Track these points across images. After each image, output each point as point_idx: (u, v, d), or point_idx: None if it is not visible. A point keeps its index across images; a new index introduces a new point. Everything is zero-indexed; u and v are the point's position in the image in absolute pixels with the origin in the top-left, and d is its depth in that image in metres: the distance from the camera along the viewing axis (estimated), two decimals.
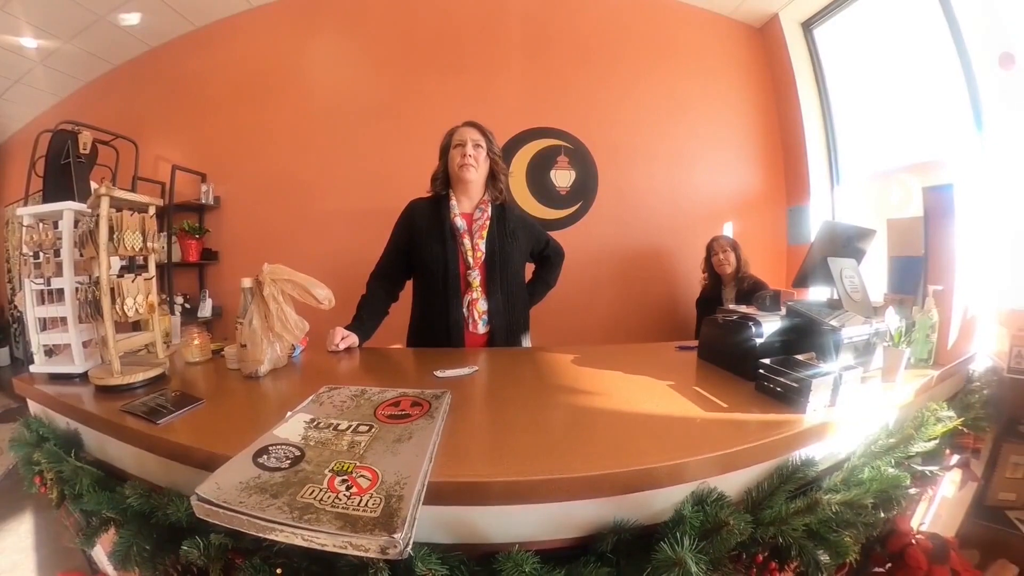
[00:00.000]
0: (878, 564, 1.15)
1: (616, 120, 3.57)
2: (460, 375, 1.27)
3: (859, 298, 1.36)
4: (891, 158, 2.99)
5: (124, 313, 1.17)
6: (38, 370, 1.26)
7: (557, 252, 2.06)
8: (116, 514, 0.89)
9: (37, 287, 1.25)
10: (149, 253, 1.29)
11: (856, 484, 0.93)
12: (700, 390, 1.13)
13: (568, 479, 0.73)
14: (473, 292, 1.70)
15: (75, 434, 1.08)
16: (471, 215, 1.75)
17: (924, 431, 1.09)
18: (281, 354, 1.35)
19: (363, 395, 1.00)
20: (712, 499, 0.79)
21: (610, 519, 0.75)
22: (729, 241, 3.18)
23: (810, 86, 3.51)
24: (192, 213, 3.70)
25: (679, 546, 0.69)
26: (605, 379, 1.26)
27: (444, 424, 0.89)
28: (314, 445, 0.76)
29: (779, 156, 3.70)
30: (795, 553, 0.83)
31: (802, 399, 0.98)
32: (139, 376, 1.17)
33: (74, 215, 1.24)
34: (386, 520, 0.56)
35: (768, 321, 1.26)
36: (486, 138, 1.76)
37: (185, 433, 0.90)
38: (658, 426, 0.94)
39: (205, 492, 0.62)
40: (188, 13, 3.47)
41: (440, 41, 3.52)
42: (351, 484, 0.64)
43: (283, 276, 1.32)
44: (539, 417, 1.00)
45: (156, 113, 3.73)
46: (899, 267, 1.57)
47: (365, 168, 3.52)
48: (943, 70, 2.55)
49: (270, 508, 0.59)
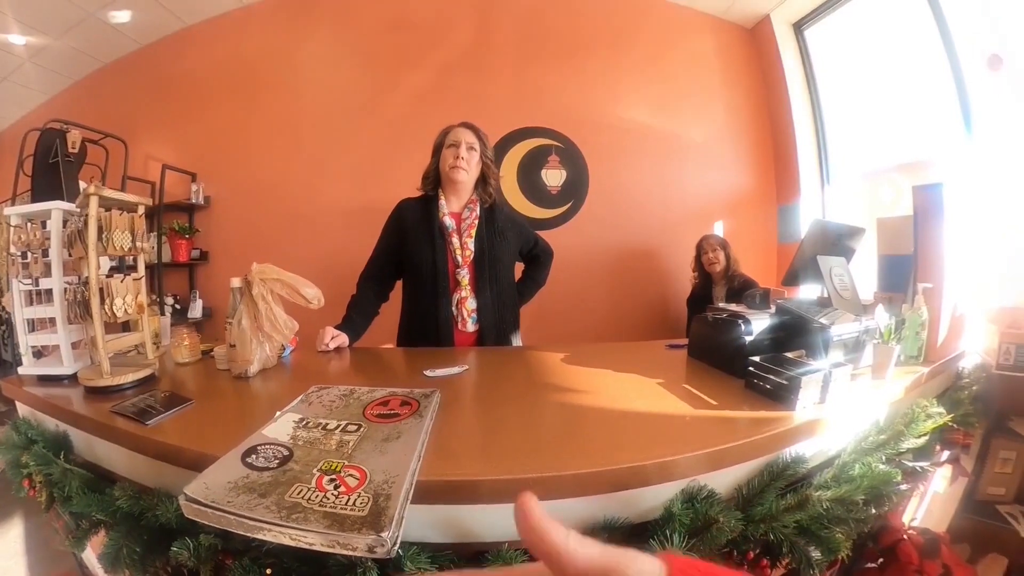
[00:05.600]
0: (870, 559, 1.16)
1: (607, 119, 3.58)
2: (450, 374, 1.27)
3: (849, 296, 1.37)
4: (881, 157, 3.02)
5: (113, 313, 1.16)
6: (26, 372, 1.25)
7: (546, 251, 2.07)
8: (106, 516, 0.88)
9: (25, 288, 1.24)
10: (138, 253, 1.28)
11: (847, 481, 0.93)
12: (690, 388, 1.14)
13: (557, 477, 0.73)
14: (462, 290, 1.70)
15: (64, 436, 1.08)
16: (460, 214, 1.75)
17: (914, 427, 1.10)
18: (271, 354, 1.35)
19: (352, 395, 0.99)
20: (702, 496, 0.79)
21: (600, 517, 0.76)
22: (719, 240, 3.20)
23: (801, 86, 3.53)
24: (182, 213, 3.67)
25: (668, 543, 0.69)
26: (595, 378, 1.26)
27: (433, 423, 0.88)
28: (302, 445, 0.76)
29: (770, 155, 3.72)
30: (786, 550, 0.83)
31: (792, 396, 0.98)
32: (129, 377, 1.16)
33: (63, 215, 1.23)
34: (374, 519, 0.55)
35: (758, 319, 1.27)
36: (480, 141, 1.76)
37: (174, 434, 0.90)
38: (648, 424, 0.94)
39: (193, 492, 0.61)
40: (179, 11, 3.44)
41: (431, 40, 3.51)
42: (339, 483, 0.63)
43: (272, 276, 1.31)
44: (529, 416, 1.01)
45: (146, 112, 3.69)
46: (889, 265, 1.58)
47: (356, 168, 3.51)
48: (933, 71, 2.58)
49: (258, 508, 0.58)
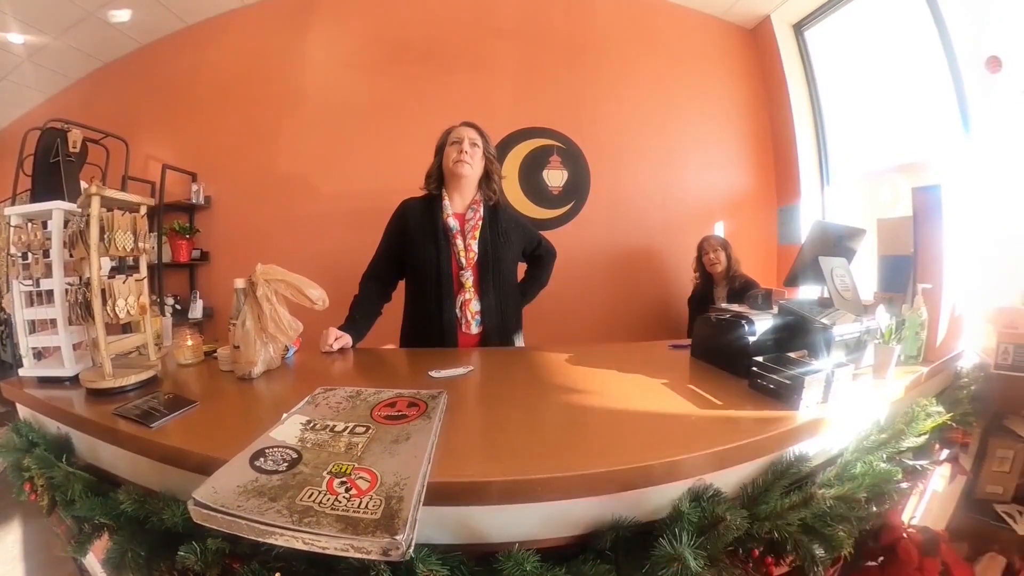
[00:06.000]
0: (871, 557, 1.17)
1: (609, 120, 3.57)
2: (455, 375, 1.27)
3: (850, 296, 1.38)
4: (881, 159, 3.02)
5: (115, 315, 1.15)
6: (27, 374, 1.24)
7: (549, 252, 2.06)
8: (109, 520, 0.88)
9: (26, 289, 1.22)
10: (140, 253, 1.27)
11: (849, 479, 0.94)
12: (694, 388, 1.14)
13: (566, 477, 0.73)
14: (466, 292, 1.70)
15: (66, 439, 1.07)
16: (463, 215, 1.75)
17: (914, 426, 1.11)
18: (274, 355, 1.35)
19: (359, 396, 0.99)
20: (708, 495, 0.80)
21: (608, 516, 0.76)
22: (719, 240, 3.20)
23: (801, 87, 3.54)
24: (182, 213, 3.65)
25: (678, 542, 0.70)
26: (599, 378, 1.26)
27: (441, 424, 0.88)
28: (311, 447, 0.76)
29: (770, 156, 3.72)
30: (791, 547, 0.84)
31: (795, 396, 0.99)
32: (131, 379, 1.15)
33: (64, 215, 1.22)
34: (387, 522, 0.56)
35: (760, 319, 1.27)
36: (483, 138, 1.76)
37: (179, 436, 0.89)
38: (653, 424, 0.95)
39: (202, 497, 0.61)
40: (179, 10, 3.42)
41: (433, 40, 3.50)
42: (350, 486, 0.63)
43: (276, 276, 1.31)
44: (535, 416, 1.01)
45: (146, 112, 3.67)
46: (889, 266, 1.59)
47: (357, 168, 3.50)
48: (932, 72, 2.58)
49: (269, 512, 0.58)
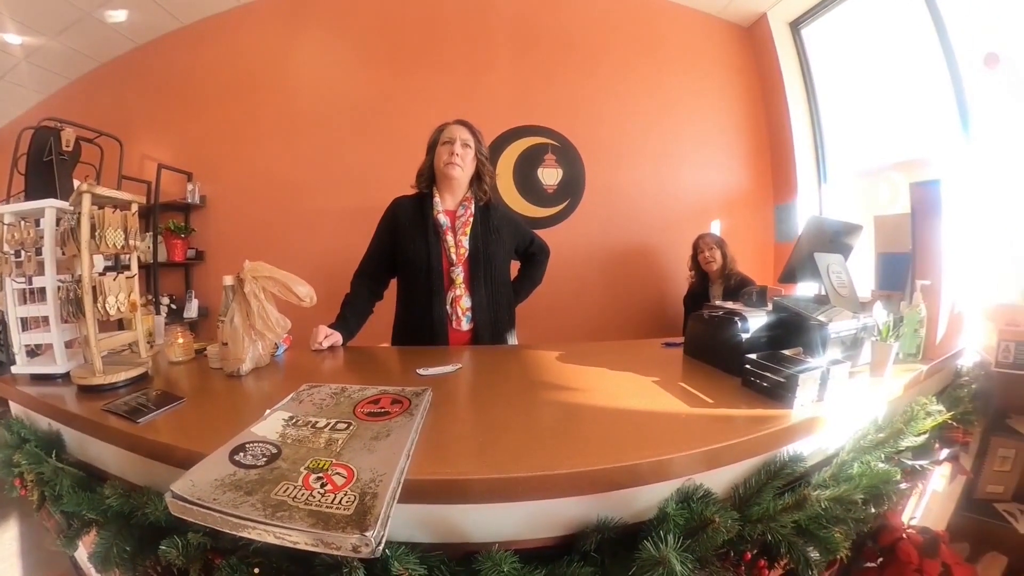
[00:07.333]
0: (869, 559, 1.15)
1: (604, 118, 3.57)
2: (443, 373, 1.26)
3: (846, 293, 1.36)
4: (878, 155, 3.01)
5: (106, 311, 1.15)
6: (19, 371, 1.24)
7: (542, 250, 2.05)
8: (96, 515, 0.88)
9: (18, 286, 1.23)
10: (131, 251, 1.27)
11: (845, 479, 0.92)
12: (686, 386, 1.13)
13: (551, 476, 0.72)
14: (456, 289, 1.69)
15: (57, 435, 1.07)
16: (454, 212, 1.74)
17: (914, 425, 1.09)
18: (263, 353, 1.34)
19: (343, 393, 0.98)
20: (698, 496, 0.78)
21: (594, 517, 0.74)
22: (715, 239, 3.19)
23: (798, 85, 3.52)
24: (178, 212, 3.66)
25: (663, 544, 0.68)
26: (590, 376, 1.25)
27: (424, 421, 0.87)
28: (291, 443, 0.75)
29: (766, 154, 3.71)
30: (784, 550, 0.82)
31: (789, 394, 0.97)
32: (121, 375, 1.15)
33: (56, 213, 1.22)
34: (359, 518, 0.54)
35: (755, 316, 1.26)
36: (475, 139, 1.75)
37: (165, 432, 0.89)
38: (643, 422, 0.93)
39: (179, 489, 0.61)
40: (175, 10, 3.43)
41: (427, 39, 3.51)
42: (326, 481, 0.63)
43: (264, 273, 1.30)
44: (522, 414, 0.99)
45: (142, 111, 3.68)
46: (887, 263, 1.57)
47: (351, 166, 3.50)
48: (930, 69, 2.57)
49: (243, 505, 0.57)
